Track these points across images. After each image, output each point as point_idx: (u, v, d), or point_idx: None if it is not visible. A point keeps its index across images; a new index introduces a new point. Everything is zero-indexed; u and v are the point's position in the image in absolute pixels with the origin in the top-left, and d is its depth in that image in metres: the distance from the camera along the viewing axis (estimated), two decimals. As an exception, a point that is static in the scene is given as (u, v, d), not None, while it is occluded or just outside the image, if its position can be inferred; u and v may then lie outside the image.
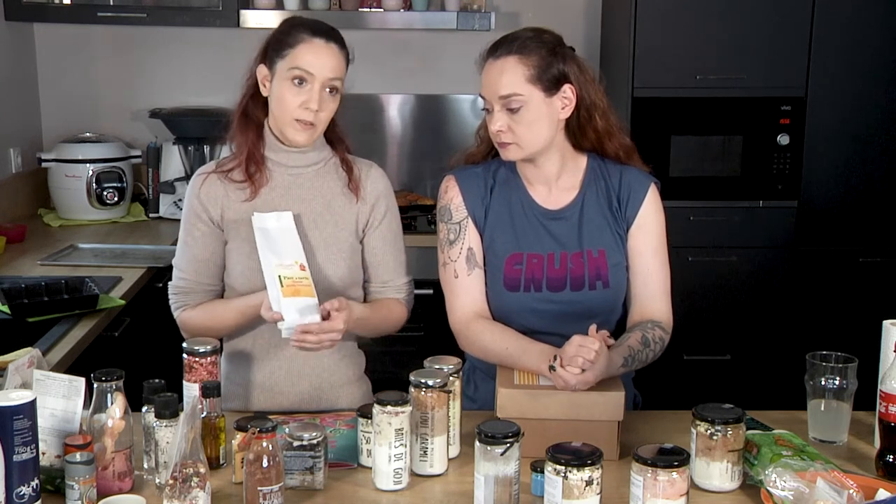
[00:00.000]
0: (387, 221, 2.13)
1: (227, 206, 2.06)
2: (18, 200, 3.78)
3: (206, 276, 2.08)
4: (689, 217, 3.60)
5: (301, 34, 1.99)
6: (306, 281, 1.92)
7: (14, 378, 1.73)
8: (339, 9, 3.85)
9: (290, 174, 2.08)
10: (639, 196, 2.04)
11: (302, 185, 2.08)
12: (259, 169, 2.06)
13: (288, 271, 1.91)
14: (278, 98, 2.00)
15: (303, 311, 1.88)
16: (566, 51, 1.98)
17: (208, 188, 2.07)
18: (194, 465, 1.51)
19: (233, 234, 2.07)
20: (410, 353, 3.27)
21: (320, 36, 1.99)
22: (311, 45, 1.98)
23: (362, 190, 2.11)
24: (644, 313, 2.02)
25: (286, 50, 1.98)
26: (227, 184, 2.07)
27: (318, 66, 1.97)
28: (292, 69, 1.97)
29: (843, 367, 1.88)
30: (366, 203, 2.11)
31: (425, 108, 4.11)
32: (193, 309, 2.08)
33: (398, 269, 2.15)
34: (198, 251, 2.08)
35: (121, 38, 4.00)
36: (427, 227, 3.64)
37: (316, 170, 2.10)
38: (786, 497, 1.53)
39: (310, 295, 1.90)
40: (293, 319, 1.88)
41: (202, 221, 2.07)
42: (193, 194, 2.08)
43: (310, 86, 1.97)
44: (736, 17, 3.52)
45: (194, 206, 2.07)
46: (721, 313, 3.68)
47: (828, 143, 3.60)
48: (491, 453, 1.54)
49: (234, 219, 2.06)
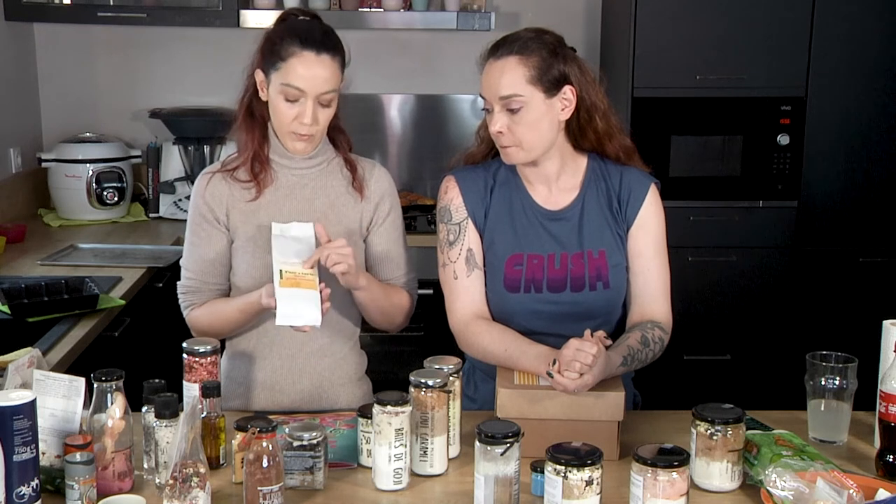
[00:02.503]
0: (391, 219, 2.14)
1: (232, 206, 2.07)
2: (18, 200, 3.78)
3: (212, 276, 2.09)
4: (689, 217, 3.60)
5: (291, 46, 1.95)
6: (310, 276, 1.90)
7: (14, 378, 1.73)
8: (339, 9, 3.85)
9: (294, 174, 2.08)
10: (639, 196, 2.04)
11: (307, 185, 2.09)
12: (264, 169, 2.06)
13: (292, 267, 1.89)
14: (274, 109, 2.01)
15: (299, 301, 1.86)
16: (567, 52, 1.97)
17: (213, 188, 2.07)
18: (194, 465, 1.51)
19: (238, 233, 2.07)
20: (410, 353, 3.28)
21: (311, 47, 1.95)
22: (301, 60, 1.94)
23: (366, 189, 2.11)
24: (644, 313, 2.02)
25: (278, 62, 1.96)
26: (232, 183, 2.07)
27: (310, 82, 1.95)
28: (284, 85, 1.96)
29: (843, 367, 1.88)
30: (370, 202, 2.12)
31: (425, 108, 4.11)
32: (200, 308, 2.08)
33: (402, 265, 2.16)
34: (204, 251, 2.08)
35: (121, 38, 4.00)
36: (427, 227, 3.64)
37: (320, 169, 2.10)
38: (786, 497, 1.53)
39: (311, 287, 1.88)
40: (286, 309, 1.85)
41: (207, 221, 2.07)
42: (199, 194, 2.08)
43: (303, 100, 1.96)
44: (736, 17, 3.52)
45: (199, 207, 2.08)
46: (721, 313, 3.68)
47: (828, 143, 3.60)
48: (491, 453, 1.54)
49: (240, 218, 2.06)
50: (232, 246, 2.08)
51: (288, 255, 1.92)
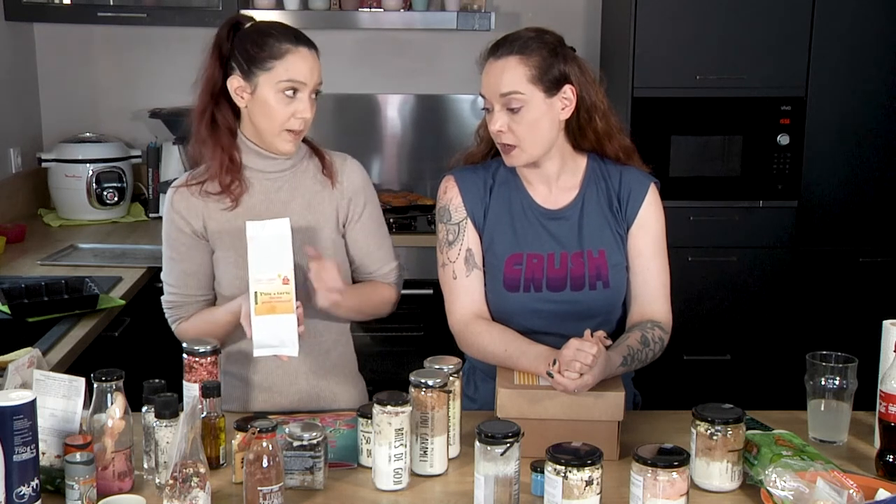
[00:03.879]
0: (367, 214, 2.12)
1: (208, 216, 2.04)
2: (18, 200, 3.78)
3: (196, 289, 2.08)
4: (689, 217, 3.60)
5: (284, 44, 1.96)
6: (286, 296, 1.85)
7: (14, 378, 1.73)
8: (339, 9, 3.84)
9: (268, 178, 2.06)
10: (639, 196, 2.04)
11: (281, 188, 2.07)
12: (235, 178, 2.03)
13: (266, 286, 1.85)
14: (265, 111, 1.98)
15: (275, 329, 1.85)
16: (567, 51, 1.97)
17: (186, 201, 2.04)
18: (194, 465, 1.51)
19: (217, 243, 2.05)
20: (410, 353, 3.27)
21: (303, 43, 1.98)
22: (299, 55, 1.97)
23: (338, 177, 2.09)
24: (644, 313, 2.02)
25: (269, 62, 1.95)
26: (205, 195, 2.04)
27: (309, 75, 1.97)
28: (283, 81, 1.95)
29: (843, 367, 1.88)
30: (343, 196, 2.10)
31: (425, 108, 4.11)
32: (188, 321, 2.08)
33: (384, 257, 2.15)
34: (185, 265, 2.06)
35: (121, 38, 4.00)
36: (427, 227, 3.63)
37: (294, 171, 2.08)
38: (786, 497, 1.53)
39: (287, 311, 1.85)
40: (262, 339, 1.85)
41: (185, 235, 2.05)
42: (172, 209, 2.05)
43: (301, 95, 1.97)
44: (736, 17, 3.52)
45: (175, 221, 2.05)
46: (721, 313, 3.68)
47: (828, 143, 3.60)
48: (491, 453, 1.54)
49: (217, 228, 2.04)
50: (213, 256, 2.07)
51: (264, 265, 1.86)
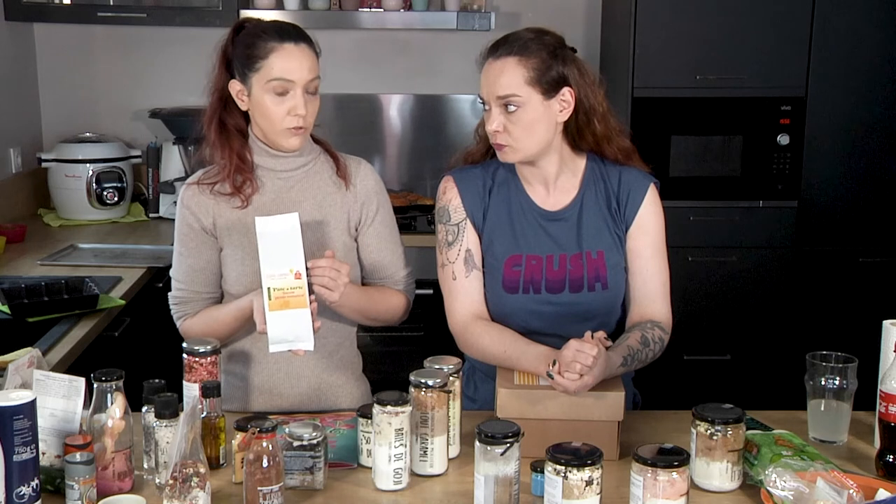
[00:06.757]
0: (380, 218, 2.12)
1: (218, 214, 2.05)
2: (18, 200, 3.78)
3: (203, 286, 2.08)
4: (689, 217, 3.60)
5: (269, 42, 1.96)
6: (299, 290, 1.85)
7: (14, 378, 1.73)
8: (339, 9, 3.84)
9: (280, 178, 2.07)
10: (638, 197, 2.04)
11: (293, 188, 2.07)
12: (247, 178, 2.04)
13: (279, 282, 1.85)
14: (262, 112, 1.99)
15: (290, 324, 1.85)
16: (567, 53, 1.97)
17: (198, 198, 2.06)
18: (194, 465, 1.51)
19: (226, 240, 2.06)
20: (410, 353, 3.27)
21: (289, 39, 1.96)
22: (283, 52, 1.96)
23: (351, 180, 2.09)
24: (643, 314, 2.02)
25: (257, 62, 1.96)
26: (217, 194, 2.05)
27: (297, 71, 1.96)
28: (271, 81, 1.95)
29: (843, 367, 1.88)
30: (356, 200, 2.10)
31: (425, 108, 4.11)
32: (193, 318, 2.08)
33: (396, 263, 2.14)
34: (193, 261, 2.07)
35: (121, 38, 4.00)
36: (427, 227, 3.63)
37: (306, 170, 2.09)
38: (786, 497, 1.53)
39: (301, 306, 1.85)
40: (278, 334, 1.85)
41: (195, 231, 2.06)
42: (184, 205, 2.07)
43: (293, 92, 1.96)
44: (736, 17, 3.52)
45: (186, 217, 2.06)
46: (721, 313, 3.68)
47: (828, 143, 3.60)
48: (491, 453, 1.54)
49: (227, 226, 2.05)
50: (221, 254, 2.07)
51: (276, 260, 1.85)
